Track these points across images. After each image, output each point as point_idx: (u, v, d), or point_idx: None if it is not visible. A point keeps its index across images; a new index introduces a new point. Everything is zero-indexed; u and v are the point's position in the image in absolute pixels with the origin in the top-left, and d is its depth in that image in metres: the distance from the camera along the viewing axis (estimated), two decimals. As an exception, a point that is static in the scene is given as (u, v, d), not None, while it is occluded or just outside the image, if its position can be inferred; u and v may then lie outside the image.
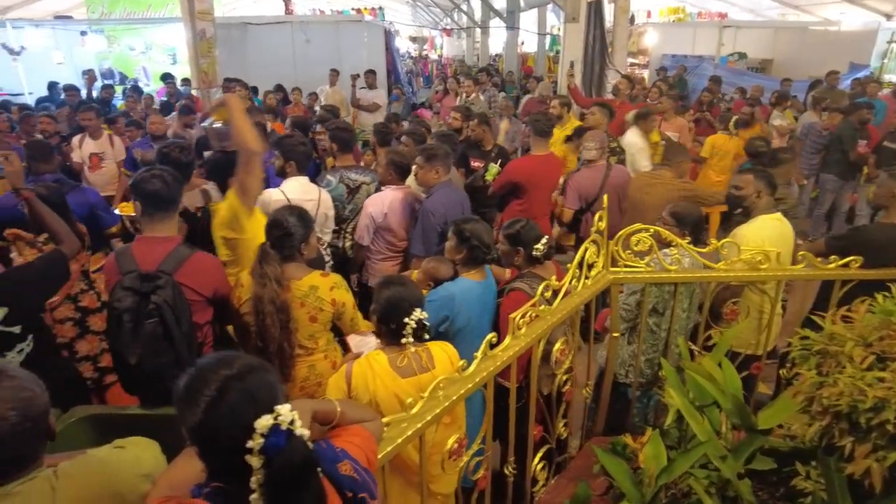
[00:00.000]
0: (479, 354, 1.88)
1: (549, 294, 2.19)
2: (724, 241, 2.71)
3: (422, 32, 30.19)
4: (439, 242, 3.28)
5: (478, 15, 18.17)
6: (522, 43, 16.58)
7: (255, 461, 0.98)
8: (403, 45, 25.26)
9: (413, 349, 2.01)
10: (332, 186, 3.77)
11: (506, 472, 2.26)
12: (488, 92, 8.37)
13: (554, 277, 2.28)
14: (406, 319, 1.96)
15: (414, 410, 1.66)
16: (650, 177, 4.13)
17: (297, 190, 3.48)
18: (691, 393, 2.11)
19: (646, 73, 13.84)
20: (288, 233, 2.30)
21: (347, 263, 3.87)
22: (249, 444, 0.98)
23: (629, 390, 2.91)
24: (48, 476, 1.17)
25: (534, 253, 2.60)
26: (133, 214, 3.75)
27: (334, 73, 8.81)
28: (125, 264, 2.17)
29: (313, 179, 3.70)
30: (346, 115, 7.69)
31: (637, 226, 2.63)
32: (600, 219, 2.49)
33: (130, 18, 12.53)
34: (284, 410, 1.01)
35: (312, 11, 18.65)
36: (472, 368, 1.86)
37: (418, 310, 1.98)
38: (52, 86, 9.31)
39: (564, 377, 2.44)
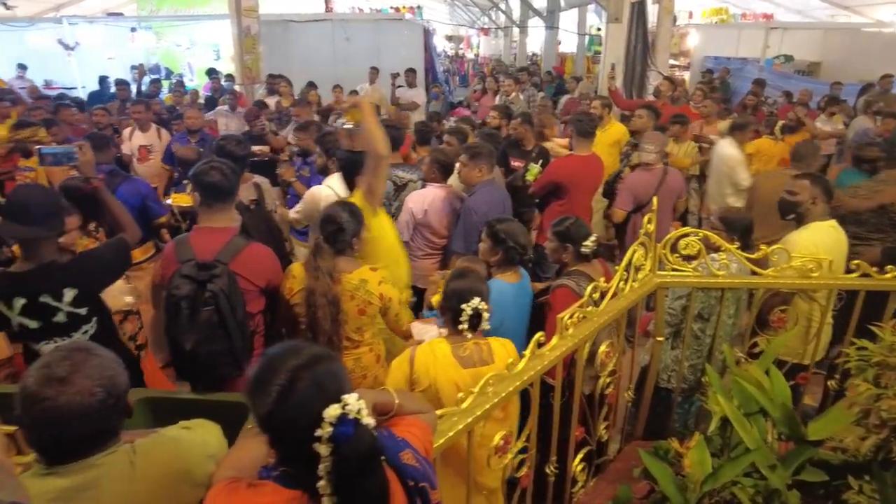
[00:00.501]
0: (527, 353, 1.90)
1: (596, 295, 2.19)
2: (775, 247, 2.66)
3: (458, 31, 30.19)
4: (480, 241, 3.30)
5: (516, 14, 18.09)
6: (559, 42, 16.45)
7: (323, 449, 1.01)
8: (440, 43, 25.32)
9: (474, 341, 2.05)
10: None
11: (547, 471, 2.27)
12: (527, 91, 8.34)
13: (602, 279, 2.28)
14: (463, 306, 2.00)
15: (464, 405, 1.69)
16: (784, 176, 4.01)
17: (342, 185, 3.56)
18: (736, 400, 2.09)
19: (686, 75, 13.60)
20: (341, 227, 2.35)
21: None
22: (318, 432, 1.01)
23: (671, 395, 2.88)
24: (127, 451, 1.23)
25: (583, 250, 2.60)
26: (182, 205, 3.89)
27: (374, 71, 8.90)
28: (183, 253, 2.25)
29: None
30: (384, 113, 7.77)
31: (686, 229, 2.61)
32: (649, 221, 2.48)
33: (177, 15, 12.89)
34: (352, 400, 1.04)
35: (352, 9, 18.84)
36: (520, 366, 1.87)
37: (477, 299, 2.01)
38: (102, 80, 9.63)
39: (608, 380, 2.44)
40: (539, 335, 1.93)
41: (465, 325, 2.03)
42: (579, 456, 2.43)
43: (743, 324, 2.97)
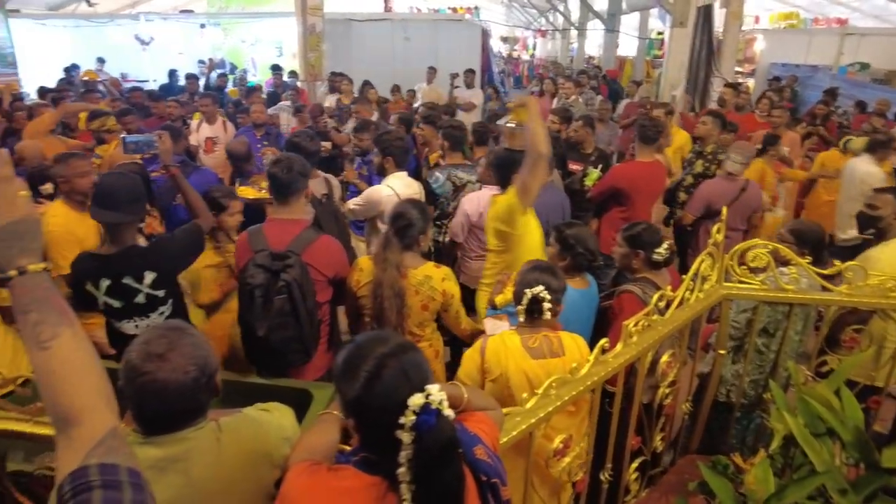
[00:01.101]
0: (591, 358, 1.89)
1: (662, 304, 2.17)
2: (850, 263, 2.55)
3: (514, 32, 30.07)
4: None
5: (575, 16, 17.89)
6: (617, 46, 16.17)
7: (405, 437, 1.04)
8: (495, 44, 25.31)
9: (544, 333, 2.08)
10: (440, 183, 3.87)
11: (602, 478, 2.25)
12: (586, 94, 8.24)
13: (668, 287, 2.24)
14: (526, 291, 2.05)
15: (528, 405, 1.70)
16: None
17: (401, 184, 3.63)
18: (802, 419, 2.02)
19: (751, 82, 13.13)
20: (410, 223, 2.40)
21: (442, 258, 3.96)
22: (401, 420, 1.05)
23: (730, 410, 2.81)
24: (214, 428, 1.30)
25: (654, 257, 2.56)
26: (247, 197, 4.03)
27: (432, 71, 8.97)
28: (257, 243, 2.34)
29: (413, 175, 3.83)
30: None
31: (754, 241, 2.54)
32: (718, 231, 2.42)
33: (244, 12, 13.34)
34: (434, 390, 1.07)
35: (410, 9, 19.06)
36: (583, 371, 1.87)
37: (541, 287, 2.04)
38: (171, 73, 10.07)
39: (667, 390, 2.40)
40: (604, 342, 1.92)
41: (523, 309, 2.07)
42: (634, 465, 2.41)
43: (810, 341, 2.86)
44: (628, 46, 16.40)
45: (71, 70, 9.57)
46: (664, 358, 2.31)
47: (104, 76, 10.56)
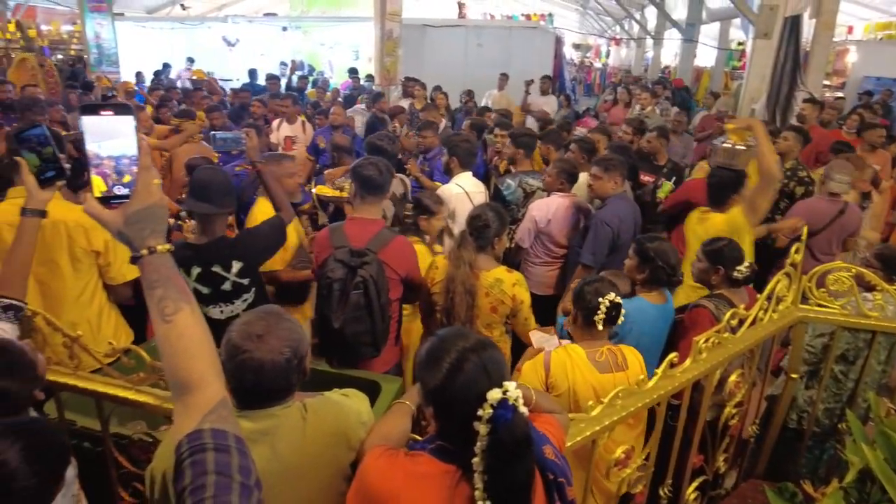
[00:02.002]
0: (659, 371, 1.90)
1: (734, 322, 2.14)
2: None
3: (586, 40, 29.66)
4: (609, 254, 3.29)
5: (651, 24, 17.47)
6: (694, 56, 15.68)
7: (482, 428, 1.10)
8: (567, 52, 25.05)
9: (608, 347, 2.10)
10: (511, 190, 3.93)
11: (661, 493, 2.23)
12: (661, 105, 8.07)
13: (742, 306, 2.21)
14: (600, 300, 2.05)
15: (594, 413, 1.73)
16: None
17: (470, 183, 3.73)
18: (882, 454, 1.94)
19: (839, 96, 12.41)
20: (486, 224, 2.48)
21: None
22: (479, 412, 1.11)
23: (800, 437, 2.71)
24: (299, 407, 1.40)
25: (734, 274, 2.52)
26: (324, 195, 4.22)
27: (503, 78, 9.02)
28: (336, 240, 2.48)
29: (481, 180, 3.92)
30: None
31: (836, 263, 2.45)
32: (797, 251, 2.36)
33: (324, 16, 13.86)
34: (512, 387, 1.13)
35: (483, 16, 19.19)
36: (651, 384, 1.88)
37: (613, 293, 2.06)
38: (251, 73, 10.59)
39: (733, 410, 2.35)
40: (672, 356, 1.92)
41: (602, 318, 2.07)
42: (694, 484, 2.38)
43: (895, 373, 2.73)
44: (706, 56, 15.88)
45: (163, 69, 10.25)
46: (732, 377, 2.27)
47: (191, 75, 11.23)
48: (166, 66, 10.49)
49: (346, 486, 1.41)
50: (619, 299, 2.09)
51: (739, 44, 15.98)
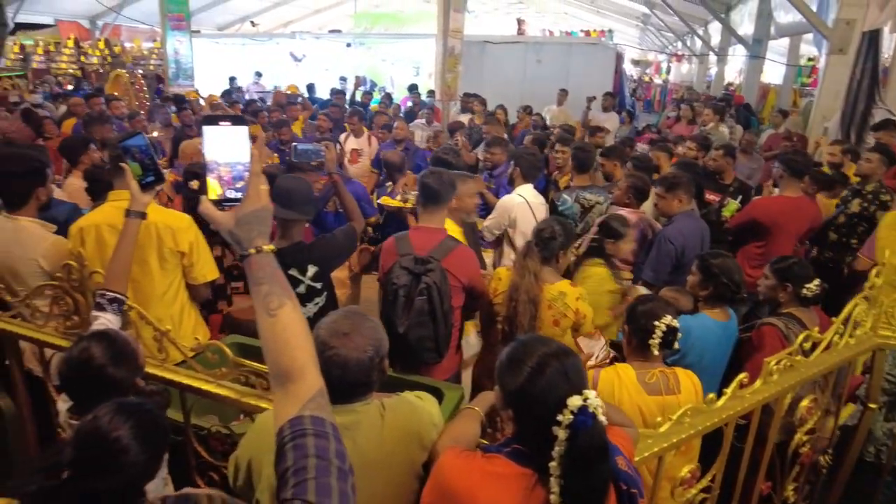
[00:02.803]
0: (728, 391, 1.86)
1: (808, 345, 2.08)
2: None
3: (646, 56, 29.23)
4: (671, 272, 3.25)
5: (715, 40, 17.05)
6: (761, 73, 15.18)
7: (561, 433, 1.13)
8: (626, 68, 24.75)
9: (660, 369, 2.07)
10: (567, 205, 3.95)
11: (726, 518, 2.18)
12: (728, 122, 7.88)
13: (816, 329, 2.14)
14: (656, 323, 2.03)
15: (661, 430, 1.71)
16: None
17: (531, 194, 3.77)
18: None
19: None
20: (553, 236, 2.51)
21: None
22: (559, 417, 1.14)
23: (878, 472, 2.58)
24: (378, 406, 1.47)
25: (803, 292, 2.46)
26: (389, 206, 4.35)
27: (562, 93, 9.02)
28: (402, 248, 2.57)
29: (540, 193, 3.97)
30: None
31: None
32: (877, 274, 2.28)
33: (387, 33, 14.26)
34: (592, 395, 1.16)
35: (542, 32, 19.25)
36: (719, 403, 1.85)
37: (669, 317, 2.03)
38: (309, 87, 11.02)
39: (805, 438, 2.27)
40: (743, 376, 1.88)
41: (658, 343, 2.04)
42: (761, 512, 2.30)
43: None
44: (773, 73, 15.35)
45: (231, 83, 10.74)
46: (804, 402, 2.20)
47: (259, 88, 11.75)
48: (233, 80, 11.00)
49: (418, 484, 1.46)
50: (675, 323, 2.05)
51: (809, 59, 15.37)
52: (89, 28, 15.50)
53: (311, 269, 2.56)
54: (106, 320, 1.91)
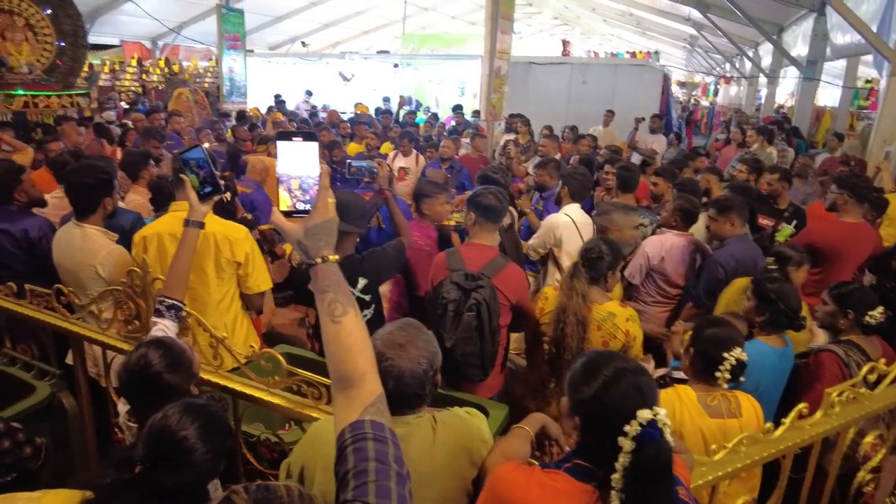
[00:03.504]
0: (786, 421, 1.80)
1: (873, 377, 1.99)
2: None
3: (693, 78, 28.82)
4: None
5: (766, 62, 16.68)
6: (815, 95, 14.74)
7: (627, 444, 1.12)
8: (672, 89, 24.44)
9: (722, 392, 2.02)
10: None
11: (782, 555, 2.09)
12: (779, 145, 7.67)
13: (882, 360, 2.05)
14: (725, 354, 1.98)
15: (716, 458, 1.67)
16: None
17: (578, 214, 3.74)
18: None
19: None
20: (600, 256, 2.49)
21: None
22: (626, 427, 1.13)
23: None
24: (430, 419, 1.48)
25: (866, 320, 2.36)
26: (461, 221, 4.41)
27: (609, 114, 8.97)
28: (454, 263, 2.60)
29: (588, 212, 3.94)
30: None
31: None
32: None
33: (434, 54, 14.50)
34: (662, 413, 1.15)
35: (587, 53, 19.25)
36: (777, 433, 1.78)
37: (738, 349, 1.98)
38: (355, 106, 11.30)
39: (868, 476, 2.17)
40: (802, 406, 1.82)
41: (727, 376, 1.99)
42: (820, 551, 2.19)
43: None
44: (828, 95, 14.89)
45: (276, 99, 11.06)
46: (868, 438, 2.11)
47: (308, 107, 12.10)
48: (278, 97, 11.31)
49: (468, 500, 1.45)
50: (744, 356, 2.00)
51: (867, 81, 14.87)
52: (151, 48, 16.35)
53: (362, 282, 2.60)
54: (164, 326, 1.98)
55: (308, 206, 1.16)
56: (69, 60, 7.53)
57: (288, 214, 1.16)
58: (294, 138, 1.16)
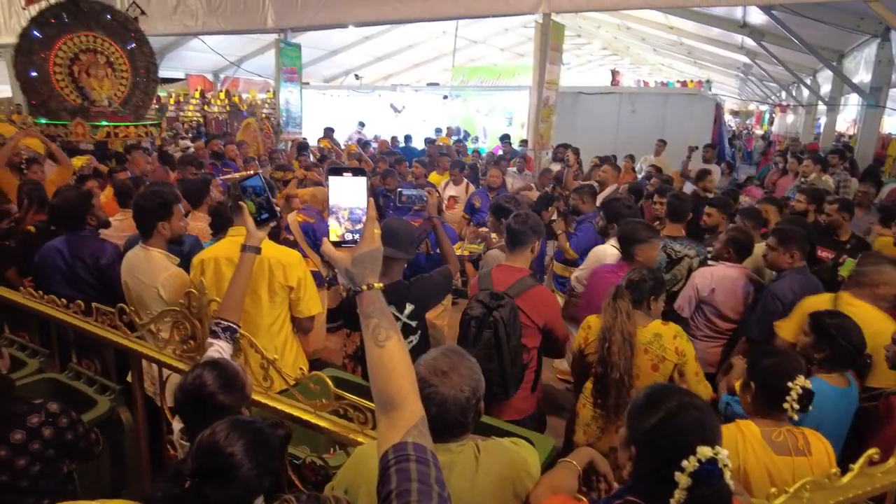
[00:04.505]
0: (855, 467, 1.69)
1: (952, 422, 1.85)
2: None
3: (746, 106, 28.16)
4: (779, 333, 3.03)
5: (824, 90, 16.16)
6: (880, 123, 14.12)
7: (683, 480, 1.09)
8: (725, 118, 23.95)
9: (788, 428, 1.93)
10: None
11: None
12: (838, 175, 7.38)
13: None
14: (790, 384, 1.89)
15: (776, 502, 1.58)
16: None
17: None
18: None
19: None
20: (643, 279, 2.47)
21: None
22: (684, 463, 1.10)
23: None
24: (473, 447, 1.47)
25: None
26: (474, 252, 4.43)
27: (660, 144, 8.86)
28: (483, 283, 2.70)
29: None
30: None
31: None
32: None
33: (483, 86, 14.74)
34: (724, 453, 1.11)
35: (636, 83, 19.12)
36: (845, 480, 1.67)
37: (802, 377, 1.90)
38: (407, 138, 11.51)
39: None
40: (873, 452, 1.70)
41: (795, 406, 1.90)
42: None
43: None
44: (894, 123, 14.26)
45: (326, 132, 11.39)
46: (949, 489, 1.94)
47: (363, 137, 12.44)
48: (330, 129, 11.62)
49: (510, 533, 1.42)
50: (809, 384, 1.91)
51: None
52: (213, 80, 17.27)
53: (409, 308, 2.63)
54: (220, 347, 2.04)
55: (356, 237, 1.20)
56: (141, 94, 8.08)
57: (337, 244, 1.21)
58: (344, 173, 1.21)
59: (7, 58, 7.60)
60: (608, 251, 3.65)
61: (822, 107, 16.39)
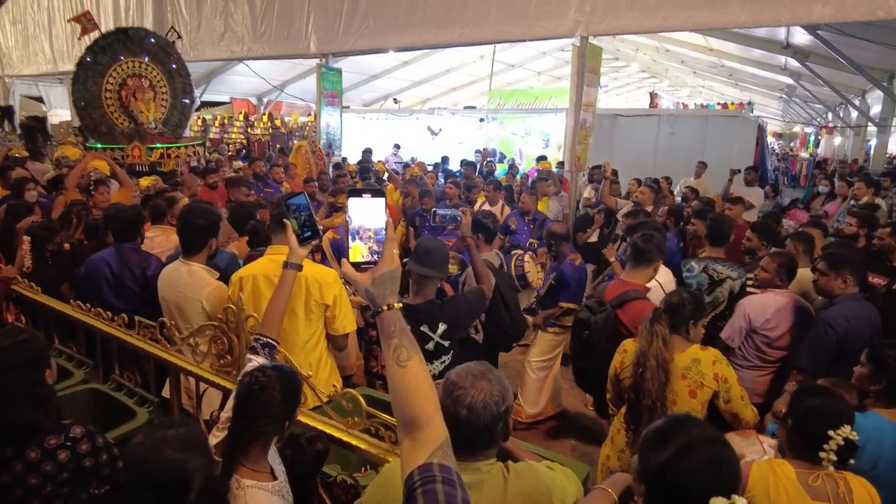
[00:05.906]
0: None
1: None
2: None
3: (791, 128, 27.45)
4: (831, 360, 2.89)
5: (874, 111, 15.63)
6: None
7: None
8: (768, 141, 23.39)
9: (827, 472, 1.81)
10: (694, 273, 3.78)
11: None
12: (890, 199, 7.09)
13: None
14: (831, 433, 1.78)
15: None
16: None
17: (665, 277, 3.60)
18: None
19: None
20: (682, 303, 2.42)
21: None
22: None
23: None
24: (502, 468, 1.45)
25: None
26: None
27: (701, 166, 8.71)
28: (598, 292, 2.99)
29: (676, 265, 3.85)
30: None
31: None
32: None
33: (519, 108, 14.78)
34: (741, 502, 1.04)
35: (675, 105, 18.88)
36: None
37: (848, 427, 1.78)
38: (444, 159, 11.62)
39: None
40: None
41: (833, 457, 1.77)
42: None
43: None
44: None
45: (363, 154, 11.59)
46: None
47: (398, 159, 12.60)
48: (368, 150, 11.80)
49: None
50: (855, 435, 1.77)
51: None
52: (256, 104, 17.85)
53: (441, 327, 2.62)
54: (258, 363, 2.07)
55: (375, 258, 1.21)
56: (178, 114, 8.42)
57: (357, 266, 1.21)
58: (364, 195, 1.23)
59: (67, 84, 7.98)
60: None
61: (871, 128, 15.87)
